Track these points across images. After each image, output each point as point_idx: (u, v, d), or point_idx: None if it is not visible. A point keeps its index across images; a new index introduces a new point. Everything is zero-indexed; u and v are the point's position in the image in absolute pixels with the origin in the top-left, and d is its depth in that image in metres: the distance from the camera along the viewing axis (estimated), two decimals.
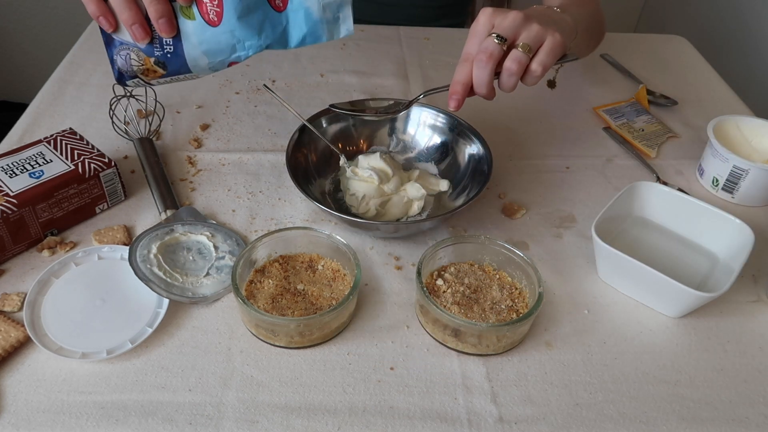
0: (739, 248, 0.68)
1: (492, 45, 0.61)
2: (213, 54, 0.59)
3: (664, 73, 1.08)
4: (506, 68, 0.62)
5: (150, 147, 0.81)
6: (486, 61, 0.61)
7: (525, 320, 0.60)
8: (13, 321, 0.61)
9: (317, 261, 0.68)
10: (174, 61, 0.59)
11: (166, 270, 0.65)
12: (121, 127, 0.84)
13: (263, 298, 0.64)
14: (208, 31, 0.57)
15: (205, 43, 0.58)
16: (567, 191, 0.83)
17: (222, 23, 0.56)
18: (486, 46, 0.61)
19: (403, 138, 0.84)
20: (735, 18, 1.64)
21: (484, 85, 0.62)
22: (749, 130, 0.86)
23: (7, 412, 0.55)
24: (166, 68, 0.60)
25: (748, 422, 0.58)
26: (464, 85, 0.63)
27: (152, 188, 0.77)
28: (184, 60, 0.59)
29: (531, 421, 0.57)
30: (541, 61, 0.62)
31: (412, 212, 0.76)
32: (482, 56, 0.61)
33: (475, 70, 0.62)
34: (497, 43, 0.61)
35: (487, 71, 0.61)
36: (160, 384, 0.58)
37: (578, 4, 0.85)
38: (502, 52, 0.61)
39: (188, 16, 0.56)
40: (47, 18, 1.96)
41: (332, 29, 0.56)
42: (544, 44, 0.63)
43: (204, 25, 0.56)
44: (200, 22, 0.56)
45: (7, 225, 0.65)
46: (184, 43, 0.58)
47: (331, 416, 0.56)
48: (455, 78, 0.64)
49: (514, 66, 0.62)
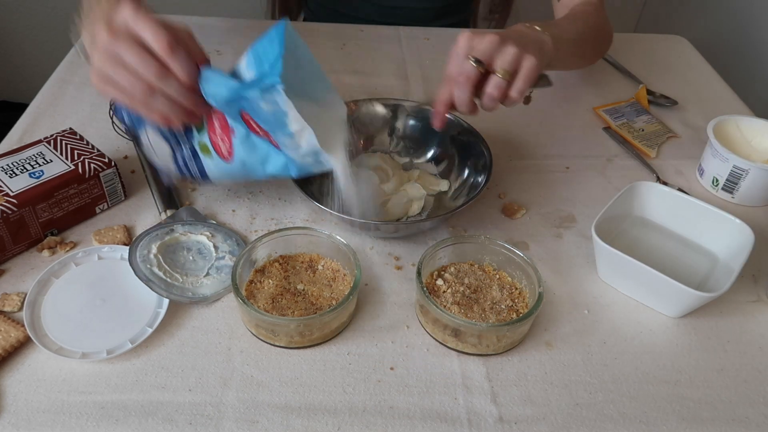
0: (739, 248, 0.68)
1: (469, 68, 0.65)
2: (231, 178, 0.70)
3: (664, 73, 1.08)
4: (487, 94, 0.66)
5: None
6: (464, 83, 0.65)
7: (525, 320, 0.60)
8: (13, 321, 0.61)
9: (317, 261, 0.68)
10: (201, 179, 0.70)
11: (166, 270, 0.65)
12: (121, 126, 0.84)
13: (263, 298, 0.64)
14: (224, 166, 0.67)
15: (222, 173, 0.68)
16: (567, 191, 0.83)
17: (234, 159, 0.65)
18: (463, 69, 0.65)
19: (402, 138, 0.84)
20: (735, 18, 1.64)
21: (464, 104, 0.67)
22: (749, 130, 0.86)
23: (7, 412, 0.55)
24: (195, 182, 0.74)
25: (748, 422, 0.58)
26: (446, 105, 0.68)
27: (152, 188, 0.77)
28: (208, 179, 0.70)
29: (531, 421, 0.57)
30: (518, 88, 0.66)
31: (412, 212, 0.76)
32: (460, 79, 0.65)
33: (455, 92, 0.66)
34: (474, 66, 0.65)
35: (466, 93, 0.66)
36: (160, 384, 0.58)
37: (572, 20, 0.87)
38: (479, 75, 0.65)
39: (207, 153, 0.66)
40: (47, 18, 1.96)
41: (319, 167, 0.65)
42: (520, 69, 0.66)
43: (219, 161, 0.66)
44: (216, 159, 0.66)
45: (7, 225, 0.65)
46: (208, 173, 0.69)
47: (331, 416, 0.56)
48: (438, 98, 0.68)
49: (495, 92, 0.66)
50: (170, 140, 0.66)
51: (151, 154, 0.69)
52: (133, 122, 0.67)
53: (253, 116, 0.61)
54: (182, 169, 0.69)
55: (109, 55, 0.58)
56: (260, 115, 0.60)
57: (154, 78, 0.58)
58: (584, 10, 0.91)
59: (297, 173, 0.65)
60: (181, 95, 0.59)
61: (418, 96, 0.98)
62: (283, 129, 0.60)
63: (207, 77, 0.60)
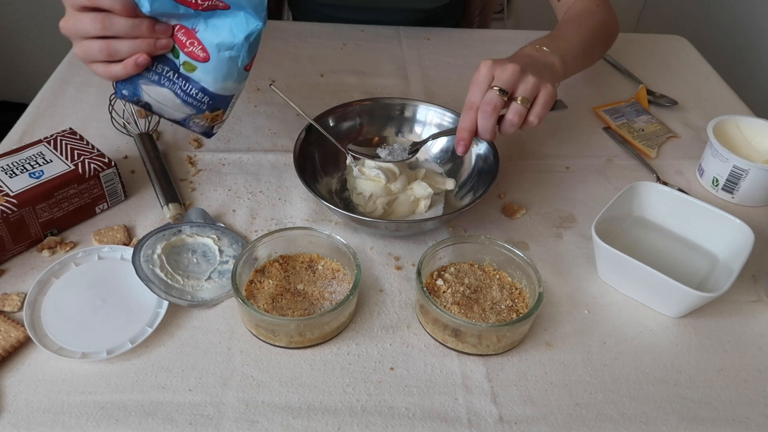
0: (739, 248, 0.68)
1: (496, 98, 0.67)
2: (227, 77, 0.66)
3: (664, 73, 1.08)
4: (508, 120, 0.69)
5: (150, 143, 0.81)
6: (491, 112, 0.67)
7: (525, 320, 0.60)
8: (13, 321, 0.61)
9: (317, 261, 0.68)
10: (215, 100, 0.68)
11: (167, 271, 0.65)
12: (120, 121, 0.84)
13: (263, 298, 0.64)
14: (209, 66, 0.65)
15: (216, 77, 0.66)
16: (567, 191, 0.83)
17: (210, 52, 0.64)
18: (490, 99, 0.68)
19: (409, 137, 0.84)
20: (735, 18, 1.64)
21: (488, 132, 0.69)
22: (749, 130, 0.86)
23: (7, 412, 0.55)
24: (218, 108, 0.69)
25: (748, 422, 0.58)
26: (471, 132, 0.69)
27: (153, 183, 0.77)
28: (217, 94, 0.68)
29: (531, 421, 0.57)
30: (537, 114, 0.69)
31: (419, 211, 0.76)
32: (487, 108, 0.67)
33: (481, 120, 0.68)
34: (499, 95, 0.67)
35: (491, 121, 0.68)
36: (160, 384, 0.58)
37: (577, 25, 0.86)
38: (503, 104, 0.68)
39: (190, 69, 0.65)
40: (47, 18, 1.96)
41: None
42: (539, 96, 0.69)
43: (203, 66, 0.65)
44: (200, 66, 0.65)
45: (7, 225, 0.65)
46: (206, 87, 0.67)
47: (331, 416, 0.56)
48: (461, 125, 0.70)
49: (516, 118, 0.68)
50: (163, 82, 0.66)
51: (163, 109, 0.68)
52: (131, 92, 0.67)
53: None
54: (190, 101, 0.67)
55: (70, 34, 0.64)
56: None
57: (98, 30, 0.61)
58: (587, 8, 0.90)
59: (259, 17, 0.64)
60: (130, 28, 0.61)
61: (418, 95, 0.98)
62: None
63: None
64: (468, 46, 1.12)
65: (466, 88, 0.71)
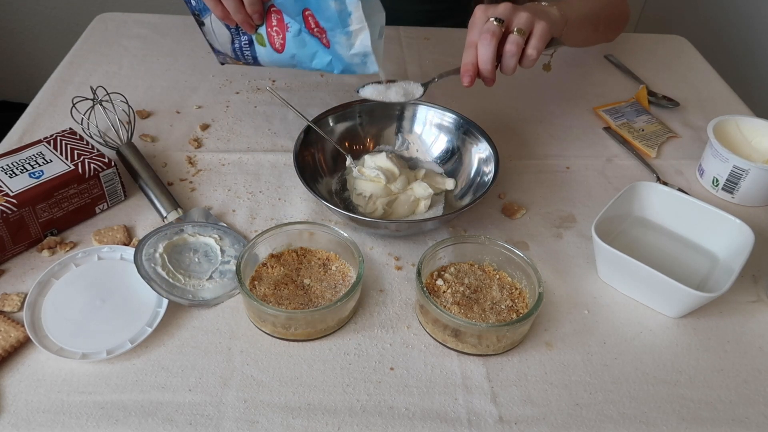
0: (739, 248, 0.68)
1: (492, 26, 0.70)
2: (279, 66, 0.77)
3: (664, 73, 1.08)
4: (507, 51, 0.70)
5: (134, 152, 0.79)
6: (489, 38, 0.69)
7: (525, 320, 0.60)
8: (13, 321, 0.61)
9: (333, 261, 0.68)
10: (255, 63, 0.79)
11: (169, 270, 0.65)
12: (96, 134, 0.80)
13: (267, 282, 0.65)
14: (275, 56, 0.75)
15: (272, 61, 0.77)
16: (567, 191, 0.83)
17: (285, 52, 0.74)
18: (488, 28, 0.70)
19: (409, 137, 0.84)
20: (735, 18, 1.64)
21: (488, 61, 0.70)
22: (749, 130, 0.86)
23: (7, 412, 0.55)
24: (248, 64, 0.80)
25: (748, 422, 0.58)
26: (474, 65, 0.71)
27: (149, 194, 0.75)
28: (262, 64, 0.78)
29: (531, 421, 0.57)
30: (535, 46, 0.71)
31: (419, 211, 0.76)
32: (486, 35, 0.69)
33: (480, 49, 0.70)
34: (496, 24, 0.70)
35: (491, 48, 0.69)
36: (160, 384, 0.58)
37: None
38: (501, 32, 0.70)
39: (261, 44, 0.75)
40: (47, 18, 1.96)
41: (362, 69, 0.73)
42: (534, 29, 0.71)
43: (272, 51, 0.75)
44: (269, 49, 0.75)
45: (7, 225, 0.65)
46: (259, 58, 0.77)
47: (331, 416, 0.56)
48: (464, 60, 0.72)
49: (513, 47, 0.70)
50: (231, 28, 0.75)
51: (212, 37, 0.78)
52: (199, 7, 0.75)
53: (315, 14, 0.69)
54: (237, 53, 0.78)
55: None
56: (325, 12, 0.67)
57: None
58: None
59: (340, 71, 0.73)
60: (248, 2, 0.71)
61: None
62: (343, 27, 0.68)
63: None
64: None
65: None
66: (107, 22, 1.11)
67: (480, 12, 0.72)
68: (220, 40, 0.78)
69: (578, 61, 1.09)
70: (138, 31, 1.09)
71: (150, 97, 0.94)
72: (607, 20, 0.93)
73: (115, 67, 1.00)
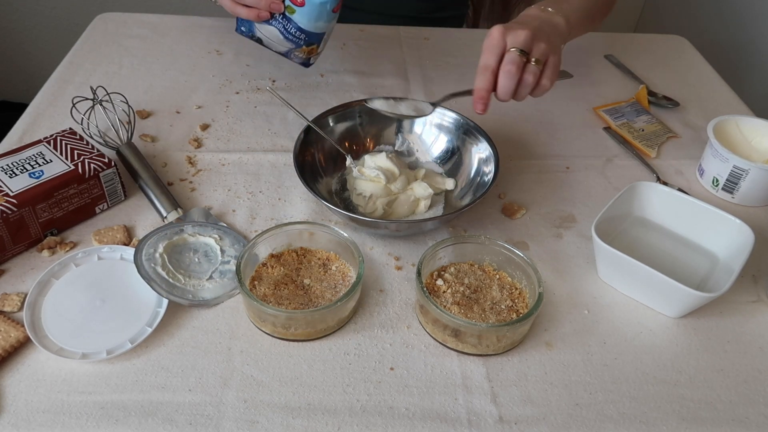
0: (739, 248, 0.68)
1: (517, 58, 0.69)
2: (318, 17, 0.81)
3: (664, 74, 1.08)
4: (524, 81, 0.70)
5: (133, 152, 0.79)
6: (515, 72, 0.69)
7: (525, 320, 0.60)
8: (13, 321, 0.61)
9: (333, 261, 0.68)
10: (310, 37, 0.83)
11: (169, 270, 0.65)
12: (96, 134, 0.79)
13: (267, 282, 0.65)
14: (304, 11, 0.80)
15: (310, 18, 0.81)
16: (567, 191, 0.83)
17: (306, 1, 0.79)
18: (512, 59, 0.69)
19: (409, 137, 0.84)
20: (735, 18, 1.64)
21: (509, 93, 0.70)
22: (749, 130, 0.86)
23: (7, 412, 0.55)
24: (313, 43, 0.84)
25: (748, 422, 0.58)
26: (489, 92, 0.70)
27: (150, 194, 0.75)
28: (311, 32, 0.83)
29: (531, 421, 0.57)
30: (549, 76, 0.71)
31: (419, 211, 0.76)
32: (511, 68, 0.68)
33: (503, 80, 0.69)
34: (520, 56, 0.69)
35: (514, 81, 0.69)
36: (160, 384, 0.58)
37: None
38: (524, 64, 0.69)
39: (292, 12, 0.80)
40: (47, 18, 1.96)
41: None
42: (549, 60, 0.71)
43: (300, 9, 0.80)
44: (298, 9, 0.80)
45: (7, 225, 0.65)
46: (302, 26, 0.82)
47: (331, 416, 0.56)
48: (478, 86, 0.70)
49: (531, 78, 0.70)
50: (271, 22, 0.82)
51: (270, 43, 0.85)
52: (248, 29, 0.85)
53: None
54: (291, 38, 0.83)
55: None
56: None
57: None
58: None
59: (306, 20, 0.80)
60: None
61: (418, 96, 0.98)
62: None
63: None
64: (468, 46, 1.12)
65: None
66: (107, 22, 1.11)
67: (498, 34, 0.71)
68: (276, 42, 0.84)
69: (578, 61, 1.09)
70: (138, 31, 1.09)
71: (150, 97, 0.94)
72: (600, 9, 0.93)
73: (115, 67, 1.00)
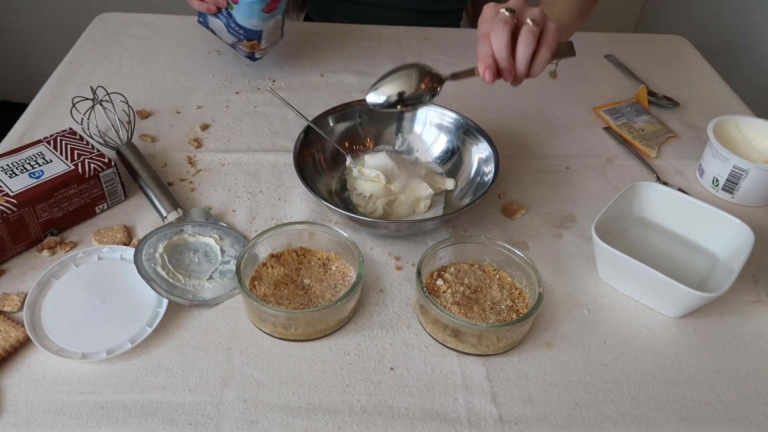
0: (739, 248, 0.68)
1: (504, 15, 0.66)
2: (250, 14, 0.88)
3: (664, 74, 1.08)
4: (522, 39, 0.66)
5: (133, 152, 0.78)
6: (502, 26, 0.65)
7: (525, 320, 0.60)
8: (13, 321, 0.61)
9: (333, 261, 0.68)
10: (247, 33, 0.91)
11: (169, 270, 0.65)
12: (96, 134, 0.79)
13: (267, 282, 0.65)
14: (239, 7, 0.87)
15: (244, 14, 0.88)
16: (567, 191, 0.83)
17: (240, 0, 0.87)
18: (500, 17, 0.66)
19: (409, 137, 0.84)
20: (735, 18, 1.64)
21: (504, 48, 0.66)
22: (749, 130, 0.86)
23: (7, 412, 0.55)
24: (252, 39, 0.93)
25: (748, 422, 0.58)
26: (491, 56, 0.67)
27: (150, 194, 0.75)
28: (247, 28, 0.90)
29: (531, 421, 0.57)
30: (548, 45, 0.67)
31: (419, 211, 0.76)
32: (498, 24, 0.66)
33: (493, 39, 0.66)
34: (508, 14, 0.66)
35: (505, 34, 0.65)
36: (160, 384, 0.58)
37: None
38: (514, 23, 0.66)
39: (231, 8, 0.89)
40: (47, 18, 1.96)
41: None
42: (545, 27, 0.67)
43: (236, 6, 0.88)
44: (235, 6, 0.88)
45: (7, 225, 0.65)
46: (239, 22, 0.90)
47: (331, 416, 0.56)
48: (480, 54, 0.67)
49: (529, 35, 0.66)
50: (218, 15, 0.91)
51: (219, 34, 0.94)
52: (205, 20, 0.94)
53: None
54: (233, 32, 0.91)
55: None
56: None
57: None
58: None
59: None
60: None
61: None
62: None
63: None
64: (468, 46, 1.12)
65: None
66: (107, 22, 1.11)
67: (489, 8, 0.69)
68: (222, 34, 0.91)
69: (578, 61, 1.09)
70: (138, 31, 1.09)
71: (150, 97, 0.94)
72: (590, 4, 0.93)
73: (115, 67, 1.00)
